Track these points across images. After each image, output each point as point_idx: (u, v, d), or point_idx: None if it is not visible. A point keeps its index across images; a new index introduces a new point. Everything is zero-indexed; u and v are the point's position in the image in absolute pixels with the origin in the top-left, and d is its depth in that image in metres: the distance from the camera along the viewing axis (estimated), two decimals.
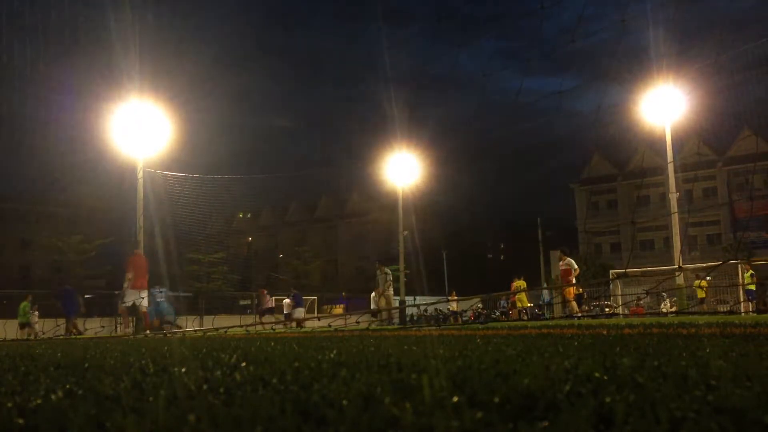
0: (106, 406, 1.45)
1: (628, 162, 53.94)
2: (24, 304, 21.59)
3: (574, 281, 16.00)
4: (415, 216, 34.06)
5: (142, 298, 13.99)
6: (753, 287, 20.93)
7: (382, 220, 56.69)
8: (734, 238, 46.15)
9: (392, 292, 18.53)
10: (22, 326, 20.69)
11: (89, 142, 24.41)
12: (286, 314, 26.22)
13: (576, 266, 16.14)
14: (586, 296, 28.21)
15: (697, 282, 23.14)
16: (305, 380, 1.84)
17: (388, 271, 18.22)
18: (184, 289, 37.68)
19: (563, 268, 16.09)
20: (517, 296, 21.67)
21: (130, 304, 13.93)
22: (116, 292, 31.22)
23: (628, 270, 16.45)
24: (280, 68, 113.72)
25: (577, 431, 1.10)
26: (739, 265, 23.88)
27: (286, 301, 27.48)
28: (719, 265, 13.21)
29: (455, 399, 1.36)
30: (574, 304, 15.77)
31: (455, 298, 32.69)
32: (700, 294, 23.57)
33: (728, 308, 22.75)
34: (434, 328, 9.56)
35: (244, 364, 2.48)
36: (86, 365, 2.74)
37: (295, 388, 1.66)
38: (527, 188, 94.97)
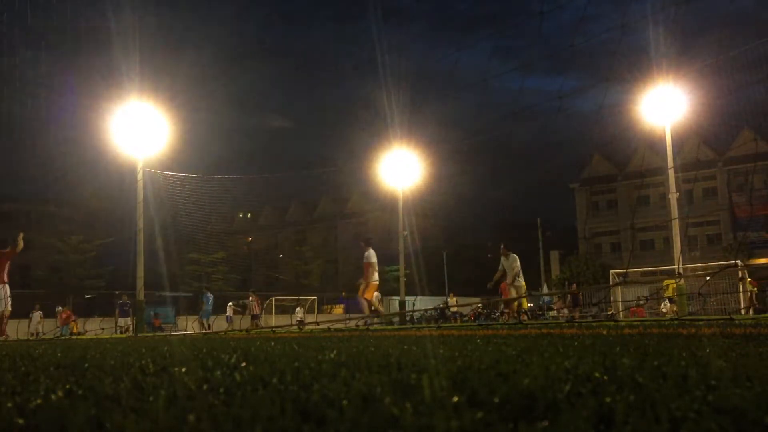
0: (106, 406, 1.45)
1: (628, 162, 53.93)
2: None
3: (376, 278, 12.54)
4: (415, 216, 34.06)
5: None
6: None
7: (382, 220, 56.65)
8: (734, 239, 46.12)
9: (522, 282, 13.88)
10: None
11: (89, 142, 24.44)
12: None
13: (374, 260, 12.54)
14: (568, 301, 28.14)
15: (667, 282, 22.12)
16: (305, 380, 1.84)
17: (512, 262, 13.88)
18: (184, 289, 37.74)
19: (364, 261, 12.58)
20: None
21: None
22: (116, 292, 31.32)
23: (628, 270, 16.44)
24: (280, 68, 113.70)
25: (577, 431, 1.10)
26: (740, 269, 23.83)
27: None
28: (721, 270, 13.19)
29: (455, 399, 1.36)
30: (365, 303, 12.66)
31: (455, 299, 32.78)
32: (668, 293, 22.26)
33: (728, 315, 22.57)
34: (434, 327, 9.56)
35: (244, 364, 2.48)
36: (86, 365, 2.74)
37: (295, 388, 1.66)
38: (527, 188, 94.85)
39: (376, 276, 12.44)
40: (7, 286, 12.49)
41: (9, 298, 12.46)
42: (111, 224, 41.82)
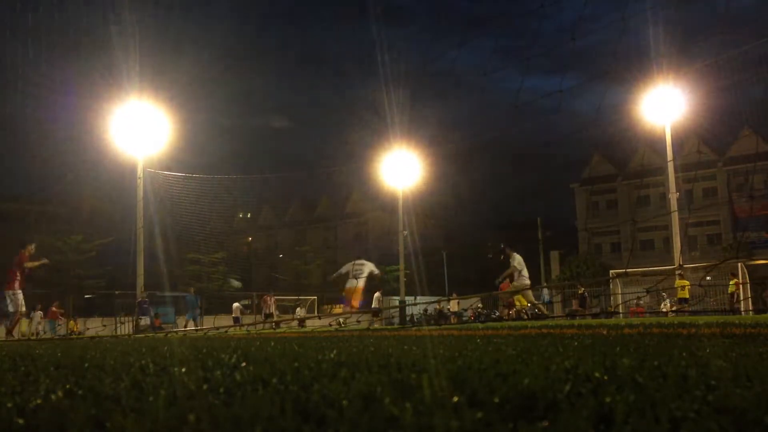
0: (106, 406, 1.45)
1: (628, 162, 53.93)
2: None
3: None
4: (415, 216, 34.07)
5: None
6: None
7: (382, 220, 56.66)
8: (734, 238, 46.11)
9: (527, 281, 14.31)
10: None
11: (89, 142, 24.46)
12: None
13: None
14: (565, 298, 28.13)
15: (679, 282, 21.79)
16: (305, 380, 1.84)
17: (520, 259, 14.08)
18: (184, 289, 37.73)
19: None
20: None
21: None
22: (116, 292, 31.31)
23: (628, 270, 16.42)
24: (279, 68, 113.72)
25: (577, 431, 1.10)
26: (740, 265, 23.84)
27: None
28: (719, 263, 13.20)
29: (455, 399, 1.36)
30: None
31: (456, 298, 32.80)
32: (682, 294, 21.91)
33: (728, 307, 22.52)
34: (434, 327, 9.56)
35: (244, 364, 2.48)
36: (86, 365, 2.74)
37: (295, 388, 1.66)
38: (527, 188, 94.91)
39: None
40: (21, 292, 12.64)
41: (22, 301, 12.68)
42: (111, 224, 41.81)
